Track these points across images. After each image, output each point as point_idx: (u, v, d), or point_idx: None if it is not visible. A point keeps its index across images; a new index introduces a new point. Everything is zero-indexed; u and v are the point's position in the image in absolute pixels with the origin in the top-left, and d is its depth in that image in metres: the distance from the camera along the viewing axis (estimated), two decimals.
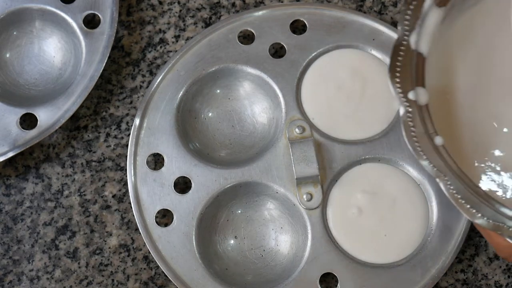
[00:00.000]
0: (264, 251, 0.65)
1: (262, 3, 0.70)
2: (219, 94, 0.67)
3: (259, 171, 0.64)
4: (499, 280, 0.65)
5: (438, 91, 0.57)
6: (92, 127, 0.68)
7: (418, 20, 0.55)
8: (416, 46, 0.55)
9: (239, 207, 0.65)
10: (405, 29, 0.55)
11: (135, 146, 0.65)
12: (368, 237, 0.63)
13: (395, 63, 0.55)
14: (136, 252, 0.66)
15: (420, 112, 0.54)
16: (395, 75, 0.54)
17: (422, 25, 0.55)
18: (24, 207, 0.67)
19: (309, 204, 0.63)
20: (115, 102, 0.68)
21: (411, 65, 0.55)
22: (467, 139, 0.58)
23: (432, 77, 0.56)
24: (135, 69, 0.69)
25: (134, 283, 0.65)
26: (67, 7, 0.67)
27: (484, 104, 0.59)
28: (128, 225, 0.66)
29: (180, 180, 0.65)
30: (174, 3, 0.70)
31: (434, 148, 0.53)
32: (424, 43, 0.56)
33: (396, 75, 0.54)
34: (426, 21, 0.56)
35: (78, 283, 0.65)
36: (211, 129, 0.67)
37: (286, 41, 0.66)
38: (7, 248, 0.66)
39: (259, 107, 0.67)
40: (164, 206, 0.64)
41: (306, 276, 0.62)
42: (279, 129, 0.65)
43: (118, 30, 0.69)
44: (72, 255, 0.66)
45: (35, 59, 0.69)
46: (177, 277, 0.62)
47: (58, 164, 0.67)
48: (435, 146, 0.53)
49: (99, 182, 0.67)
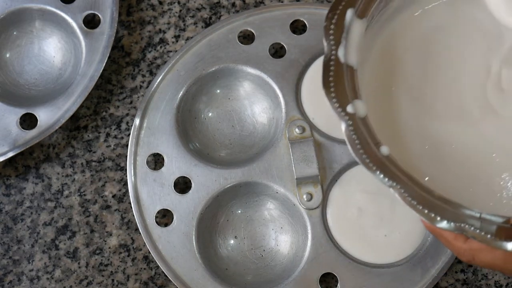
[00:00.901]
0: (264, 251, 0.65)
1: (262, 3, 0.70)
2: (219, 94, 0.67)
3: (259, 171, 0.64)
4: (499, 280, 0.65)
5: (375, 101, 0.57)
6: (92, 127, 0.68)
7: (343, 34, 0.55)
8: (345, 59, 0.54)
9: (239, 207, 0.65)
10: (332, 44, 0.55)
11: (135, 146, 0.65)
12: (368, 237, 0.63)
13: (328, 79, 0.54)
14: (136, 252, 0.66)
15: (362, 125, 0.53)
16: (330, 91, 0.54)
17: (348, 38, 0.55)
18: (24, 207, 0.67)
19: (309, 204, 0.63)
20: (115, 102, 0.68)
21: (344, 79, 0.54)
22: (411, 144, 0.58)
23: (366, 87, 0.56)
24: (135, 69, 0.69)
25: (134, 283, 0.65)
26: (67, 7, 0.67)
27: (422, 108, 0.59)
28: (128, 225, 0.66)
29: (180, 180, 0.65)
30: (174, 3, 0.70)
31: (382, 159, 0.52)
32: (352, 55, 0.55)
33: (331, 90, 0.54)
34: (351, 34, 0.55)
35: (78, 283, 0.65)
36: (211, 129, 0.67)
37: (286, 41, 0.66)
38: (7, 248, 0.66)
39: (259, 107, 0.67)
40: (164, 206, 0.64)
41: (306, 276, 0.62)
42: (279, 129, 0.65)
43: (118, 30, 0.69)
44: (72, 255, 0.66)
45: (35, 59, 0.69)
46: (177, 277, 0.62)
47: (58, 164, 0.67)
48: (382, 156, 0.52)
49: (99, 182, 0.67)
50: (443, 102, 0.59)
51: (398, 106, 0.59)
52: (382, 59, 0.59)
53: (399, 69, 0.60)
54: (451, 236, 0.53)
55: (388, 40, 0.60)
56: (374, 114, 0.54)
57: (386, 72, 0.59)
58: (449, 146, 0.58)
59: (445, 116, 0.59)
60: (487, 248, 0.52)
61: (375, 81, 0.58)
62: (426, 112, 0.59)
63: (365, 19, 0.56)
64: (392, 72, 0.59)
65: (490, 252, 0.52)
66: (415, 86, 0.59)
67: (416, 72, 0.60)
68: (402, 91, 0.59)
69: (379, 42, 0.59)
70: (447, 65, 0.60)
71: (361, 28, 0.55)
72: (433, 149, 0.58)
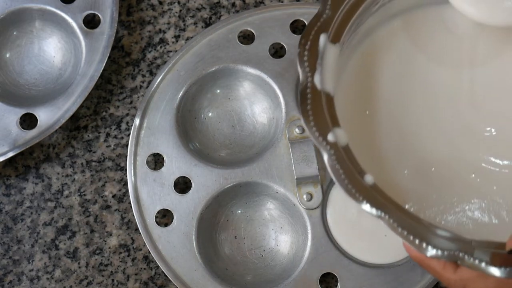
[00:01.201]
0: (264, 251, 0.65)
1: (262, 3, 0.70)
2: (219, 94, 0.67)
3: (259, 171, 0.64)
4: None
5: (351, 126, 0.55)
6: (92, 127, 0.68)
7: (317, 60, 0.53)
8: (322, 86, 0.53)
9: (239, 207, 0.65)
10: (307, 71, 0.53)
11: (135, 146, 0.65)
12: (368, 237, 0.63)
13: (306, 108, 0.52)
14: (136, 252, 0.66)
15: (344, 153, 0.51)
16: (309, 119, 0.52)
17: (322, 64, 0.53)
18: (24, 207, 0.67)
19: (309, 204, 0.63)
20: (115, 102, 0.68)
21: (322, 106, 0.52)
22: (391, 169, 0.57)
23: (343, 113, 0.54)
24: (135, 69, 0.69)
25: (134, 283, 0.65)
26: (67, 7, 0.67)
27: (397, 131, 0.58)
28: (128, 225, 0.66)
29: (180, 180, 0.65)
30: (174, 3, 0.70)
31: (367, 188, 0.50)
32: (328, 81, 0.53)
33: (310, 119, 0.52)
34: (325, 59, 0.53)
35: (78, 283, 0.65)
36: (211, 129, 0.67)
37: (286, 41, 0.66)
38: (7, 248, 0.66)
39: (259, 107, 0.67)
40: (164, 206, 0.64)
41: (306, 276, 0.62)
42: (279, 129, 0.65)
43: (118, 30, 0.69)
44: (72, 255, 0.66)
45: (35, 59, 0.69)
46: (177, 277, 0.62)
47: (58, 164, 0.67)
48: (367, 186, 0.51)
49: (99, 182, 0.67)
50: (419, 123, 0.58)
51: (373, 130, 0.58)
52: (355, 82, 0.58)
53: (371, 92, 0.58)
54: (439, 266, 0.52)
55: (359, 63, 0.59)
56: (353, 140, 0.53)
57: (359, 96, 0.58)
58: (429, 169, 0.57)
59: (422, 138, 0.58)
60: (478, 276, 0.50)
61: (350, 106, 0.57)
62: (402, 135, 0.58)
63: (338, 44, 0.54)
64: (364, 96, 0.58)
65: (482, 280, 0.50)
66: (387, 108, 0.58)
67: (387, 94, 0.59)
68: (376, 114, 0.58)
69: (350, 66, 0.58)
70: (420, 85, 0.59)
71: (335, 53, 0.54)
72: (414, 173, 0.57)
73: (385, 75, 0.59)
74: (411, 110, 0.59)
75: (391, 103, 0.58)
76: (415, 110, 0.59)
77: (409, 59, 0.60)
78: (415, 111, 0.59)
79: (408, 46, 0.60)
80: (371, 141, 0.57)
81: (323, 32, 0.54)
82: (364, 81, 0.59)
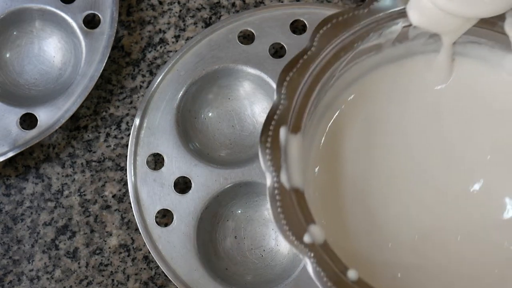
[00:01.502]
0: (264, 251, 0.65)
1: (262, 3, 0.70)
2: (219, 94, 0.67)
3: (259, 171, 0.64)
4: None
5: (324, 218, 0.53)
6: (92, 127, 0.68)
7: (281, 156, 0.50)
8: (290, 184, 0.49)
9: (239, 207, 0.65)
10: (272, 171, 0.50)
11: (135, 146, 0.65)
12: None
13: (277, 212, 0.49)
14: (136, 252, 0.66)
15: (323, 252, 0.48)
16: (282, 225, 0.49)
17: (287, 159, 0.50)
18: (24, 207, 0.67)
19: None
20: (115, 102, 0.68)
21: (294, 207, 0.49)
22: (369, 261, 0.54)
23: (315, 207, 0.51)
24: (135, 69, 0.69)
25: (134, 283, 0.65)
26: (67, 7, 0.67)
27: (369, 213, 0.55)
28: (128, 225, 0.66)
29: (180, 180, 0.65)
30: (174, 3, 0.70)
31: (353, 285, 0.48)
32: (296, 176, 0.50)
33: (283, 223, 0.49)
34: (289, 153, 0.50)
35: (78, 283, 0.65)
36: (211, 129, 0.67)
37: (286, 41, 0.66)
38: (7, 248, 0.66)
39: (259, 107, 0.67)
40: (164, 206, 0.64)
41: (306, 276, 0.62)
42: None
43: (118, 30, 0.69)
44: (72, 255, 0.66)
45: (35, 59, 0.69)
46: (177, 277, 0.62)
47: (58, 164, 0.67)
48: (351, 283, 0.48)
49: (99, 182, 0.67)
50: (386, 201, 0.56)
51: (344, 217, 0.55)
52: (322, 168, 0.56)
53: (337, 175, 0.56)
54: None
55: (323, 146, 0.56)
56: (331, 234, 0.50)
57: (329, 183, 0.56)
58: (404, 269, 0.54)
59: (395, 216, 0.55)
60: None
61: (322, 195, 0.55)
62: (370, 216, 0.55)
63: (300, 133, 0.51)
64: (333, 181, 0.56)
65: None
66: (353, 189, 0.56)
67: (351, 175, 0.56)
68: (344, 198, 0.55)
69: (315, 151, 0.56)
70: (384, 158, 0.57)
71: (298, 144, 0.51)
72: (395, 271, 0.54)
73: (346, 152, 0.56)
74: (375, 188, 0.56)
75: (355, 184, 0.56)
76: (381, 188, 0.56)
77: (368, 131, 0.57)
78: (381, 189, 0.56)
79: (365, 116, 0.57)
80: (346, 231, 0.55)
81: (283, 125, 0.51)
82: (330, 164, 0.56)
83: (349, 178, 0.56)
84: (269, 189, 0.50)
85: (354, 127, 0.57)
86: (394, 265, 0.54)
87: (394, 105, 0.58)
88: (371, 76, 0.58)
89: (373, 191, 0.56)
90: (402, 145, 0.57)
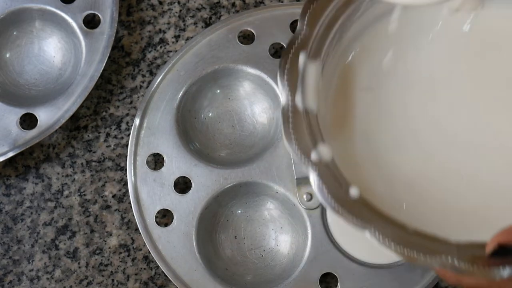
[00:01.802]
0: (264, 251, 0.65)
1: (262, 3, 0.70)
2: (219, 94, 0.67)
3: (259, 171, 0.64)
4: None
5: (336, 142, 0.55)
6: (92, 127, 0.68)
7: (298, 79, 0.53)
8: (304, 105, 0.52)
9: (239, 207, 0.65)
10: (288, 91, 0.53)
11: (135, 146, 0.65)
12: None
13: (288, 129, 0.52)
14: (136, 252, 0.66)
15: (328, 170, 0.51)
16: (291, 140, 0.52)
17: (303, 83, 0.53)
18: (24, 207, 0.67)
19: (309, 204, 0.63)
20: (115, 102, 0.68)
21: (304, 127, 0.52)
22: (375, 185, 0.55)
23: (328, 130, 0.54)
24: (135, 69, 0.69)
25: (134, 283, 0.65)
26: (67, 7, 0.67)
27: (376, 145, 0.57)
28: (128, 225, 0.66)
29: (180, 180, 0.65)
30: (174, 3, 0.70)
31: (353, 202, 0.50)
32: (310, 100, 0.53)
33: (292, 139, 0.52)
34: (306, 77, 0.53)
35: (78, 283, 0.65)
36: (211, 129, 0.67)
37: (286, 41, 0.66)
38: (7, 248, 0.66)
39: (259, 107, 0.67)
40: (164, 206, 0.64)
41: (306, 276, 0.62)
42: (279, 129, 0.65)
43: (118, 30, 0.69)
44: (72, 255, 0.66)
45: (35, 59, 0.69)
46: (177, 277, 0.62)
47: (58, 164, 0.67)
48: (355, 200, 0.50)
49: (99, 182, 0.67)
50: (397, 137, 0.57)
51: (355, 144, 0.57)
52: (339, 97, 0.57)
53: (350, 103, 0.58)
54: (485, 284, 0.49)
55: (343, 76, 0.58)
56: (338, 156, 0.52)
57: (343, 110, 0.57)
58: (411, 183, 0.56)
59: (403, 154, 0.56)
60: None
61: (335, 121, 0.57)
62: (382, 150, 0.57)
63: (319, 60, 0.54)
64: (346, 108, 0.57)
65: None
66: (367, 122, 0.57)
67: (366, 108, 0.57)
68: (356, 129, 0.57)
69: (334, 80, 0.57)
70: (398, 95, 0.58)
71: (317, 70, 0.54)
72: (394, 188, 0.56)
73: (360, 86, 0.58)
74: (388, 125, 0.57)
75: (367, 116, 0.57)
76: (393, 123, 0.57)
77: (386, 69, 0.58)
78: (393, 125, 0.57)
79: (388, 51, 0.59)
80: (353, 157, 0.56)
81: (302, 50, 0.54)
82: (347, 94, 0.58)
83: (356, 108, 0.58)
84: (283, 108, 0.53)
85: (372, 63, 0.58)
86: (398, 194, 0.56)
87: (417, 46, 0.59)
88: (394, 16, 0.58)
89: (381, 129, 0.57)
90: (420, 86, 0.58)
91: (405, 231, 0.50)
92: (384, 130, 0.57)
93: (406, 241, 0.49)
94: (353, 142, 0.57)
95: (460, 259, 0.48)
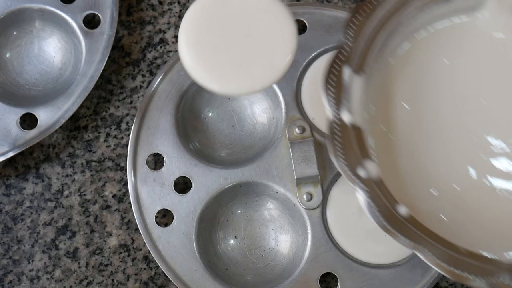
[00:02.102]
0: (264, 251, 0.65)
1: None
2: (219, 94, 0.67)
3: (259, 171, 0.64)
4: None
5: (381, 156, 0.55)
6: (92, 127, 0.68)
7: (342, 94, 0.52)
8: (350, 120, 0.52)
9: (239, 207, 0.65)
10: (334, 106, 0.52)
11: (135, 146, 0.65)
12: (368, 237, 0.63)
13: (335, 145, 0.51)
14: (136, 252, 0.66)
15: (376, 187, 0.50)
16: (339, 157, 0.51)
17: (349, 97, 0.52)
18: (24, 207, 0.67)
19: (309, 204, 0.63)
20: (115, 102, 0.68)
21: (351, 142, 0.51)
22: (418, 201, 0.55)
23: (377, 144, 0.54)
24: (135, 69, 0.69)
25: (134, 283, 0.65)
26: (67, 7, 0.67)
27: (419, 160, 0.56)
28: (128, 225, 0.66)
29: (180, 180, 0.65)
30: (174, 3, 0.70)
31: (403, 220, 0.50)
32: (357, 114, 0.52)
33: (340, 155, 0.51)
34: (352, 92, 0.53)
35: (78, 283, 0.65)
36: (211, 129, 0.67)
37: None
38: (7, 248, 0.66)
39: (259, 107, 0.67)
40: (164, 206, 0.64)
41: (306, 276, 0.62)
42: (279, 129, 0.65)
43: (118, 30, 0.69)
44: (72, 255, 0.66)
45: (35, 59, 0.69)
46: (177, 277, 0.62)
47: (58, 164, 0.67)
48: (402, 218, 0.50)
49: (99, 182, 0.67)
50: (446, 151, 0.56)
51: (399, 160, 0.56)
52: (382, 109, 0.57)
53: (393, 117, 0.57)
54: None
55: (383, 90, 0.57)
56: (384, 170, 0.52)
57: (386, 123, 0.57)
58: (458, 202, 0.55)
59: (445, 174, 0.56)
60: None
61: (380, 135, 0.56)
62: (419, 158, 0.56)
63: (363, 73, 0.54)
64: (389, 121, 0.57)
65: None
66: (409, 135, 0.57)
67: (407, 118, 0.57)
68: (400, 144, 0.57)
69: (375, 94, 0.57)
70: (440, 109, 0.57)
71: (362, 83, 0.53)
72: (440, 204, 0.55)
73: (402, 98, 0.57)
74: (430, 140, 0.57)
75: (409, 129, 0.57)
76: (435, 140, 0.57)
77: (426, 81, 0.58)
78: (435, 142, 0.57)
79: (426, 61, 0.58)
80: (398, 171, 0.56)
81: (347, 64, 0.53)
82: (387, 106, 0.57)
83: (397, 120, 0.57)
84: (329, 124, 0.52)
85: (412, 74, 0.58)
86: (438, 209, 0.55)
87: (459, 57, 0.58)
88: (437, 26, 0.58)
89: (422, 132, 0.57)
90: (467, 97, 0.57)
91: (455, 251, 0.49)
92: (430, 144, 0.57)
93: (457, 262, 0.49)
94: (397, 157, 0.56)
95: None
